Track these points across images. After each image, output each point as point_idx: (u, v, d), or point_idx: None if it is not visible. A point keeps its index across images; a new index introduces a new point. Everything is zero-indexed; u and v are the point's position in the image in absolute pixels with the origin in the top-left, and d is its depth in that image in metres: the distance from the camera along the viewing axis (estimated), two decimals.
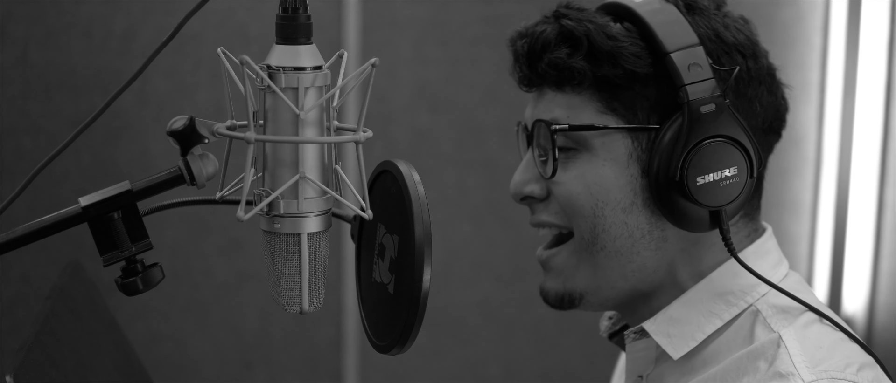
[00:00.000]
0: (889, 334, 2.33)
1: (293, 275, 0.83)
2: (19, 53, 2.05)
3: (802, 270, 2.38)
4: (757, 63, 1.09)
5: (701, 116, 1.03)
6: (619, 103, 1.07)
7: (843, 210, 2.30)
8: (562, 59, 1.07)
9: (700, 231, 1.07)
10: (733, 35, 1.08)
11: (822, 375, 1.01)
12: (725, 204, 1.05)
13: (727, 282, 1.10)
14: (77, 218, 0.86)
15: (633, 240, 1.09)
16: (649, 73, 1.05)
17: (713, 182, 1.03)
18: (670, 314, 1.11)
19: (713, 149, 1.03)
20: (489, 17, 2.23)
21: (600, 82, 1.07)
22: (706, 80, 1.03)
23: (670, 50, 1.04)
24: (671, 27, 1.05)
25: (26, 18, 2.05)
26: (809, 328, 1.07)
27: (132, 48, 2.09)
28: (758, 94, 1.09)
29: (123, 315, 2.16)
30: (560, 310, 1.16)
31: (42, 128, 2.08)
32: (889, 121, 2.25)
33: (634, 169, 1.08)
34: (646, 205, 1.08)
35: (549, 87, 1.11)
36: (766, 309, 1.08)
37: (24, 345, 0.96)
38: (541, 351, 2.46)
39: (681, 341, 1.10)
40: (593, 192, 1.09)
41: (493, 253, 2.39)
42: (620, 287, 1.11)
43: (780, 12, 2.26)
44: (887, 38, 2.21)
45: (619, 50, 1.05)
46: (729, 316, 1.10)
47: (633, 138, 1.07)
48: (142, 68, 0.85)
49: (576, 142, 1.09)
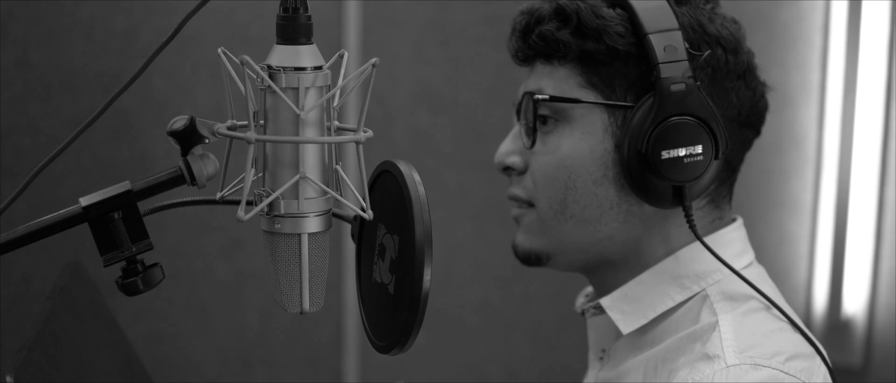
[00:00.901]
0: (889, 334, 2.33)
1: (293, 275, 0.83)
2: (19, 53, 2.05)
3: (802, 270, 2.38)
4: (737, 58, 1.15)
5: (671, 94, 1.09)
6: (599, 79, 1.14)
7: (843, 210, 2.30)
8: (550, 32, 1.15)
9: (664, 206, 1.13)
10: (717, 29, 1.14)
11: (747, 360, 1.05)
12: (689, 180, 1.10)
13: (685, 266, 1.16)
14: (77, 218, 0.86)
15: (601, 211, 1.15)
16: (629, 52, 1.12)
17: (677, 158, 1.09)
18: (626, 291, 1.18)
19: (680, 126, 1.09)
20: (489, 17, 2.23)
21: (583, 57, 1.14)
22: (679, 61, 1.10)
23: (649, 31, 1.11)
24: (654, 12, 1.12)
25: (26, 18, 2.05)
26: (751, 316, 1.12)
27: (132, 48, 2.09)
28: (735, 87, 1.15)
29: (123, 315, 2.16)
30: (529, 266, 1.23)
31: (42, 128, 2.08)
32: (889, 121, 2.25)
33: (608, 143, 1.14)
34: (616, 179, 1.14)
35: (539, 61, 1.19)
36: (715, 294, 1.14)
37: (24, 345, 0.96)
38: (541, 351, 2.46)
39: (632, 318, 1.17)
40: (567, 165, 1.15)
41: (493, 253, 2.39)
42: (589, 251, 1.18)
43: (780, 12, 2.26)
44: (887, 38, 2.21)
45: (604, 27, 1.12)
46: (680, 298, 1.16)
47: (610, 114, 1.14)
48: (142, 68, 0.85)
49: (557, 115, 1.16)
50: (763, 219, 2.35)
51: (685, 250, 1.17)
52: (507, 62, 1.26)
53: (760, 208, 2.36)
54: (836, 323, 2.36)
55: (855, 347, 2.36)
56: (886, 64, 2.22)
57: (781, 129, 2.31)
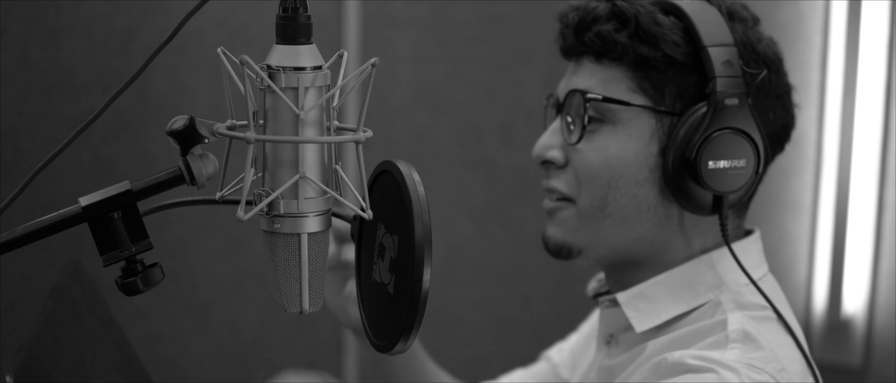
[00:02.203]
0: (889, 334, 2.33)
1: (293, 275, 0.83)
2: (19, 53, 2.05)
3: (802, 270, 2.38)
4: (779, 78, 1.20)
5: (724, 107, 1.13)
6: (650, 85, 1.16)
7: (843, 210, 2.30)
8: (609, 32, 1.17)
9: (701, 213, 1.17)
10: (764, 48, 1.19)
11: (744, 359, 1.08)
12: (729, 191, 1.15)
13: (704, 273, 1.19)
14: (77, 218, 0.86)
15: (639, 212, 1.18)
16: (684, 63, 1.15)
17: (722, 169, 1.14)
18: (642, 290, 1.20)
19: (729, 139, 1.13)
20: (489, 17, 2.23)
21: (638, 61, 1.16)
22: (735, 76, 1.14)
23: (707, 44, 1.14)
24: (712, 26, 1.15)
25: (26, 18, 2.05)
26: (760, 323, 1.15)
27: (132, 48, 2.09)
28: (773, 106, 1.20)
29: (123, 315, 2.16)
30: (557, 258, 1.25)
31: (42, 128, 2.08)
32: (889, 121, 2.25)
33: (654, 147, 1.17)
34: (657, 183, 1.17)
35: (588, 59, 1.20)
36: (728, 302, 1.17)
37: (24, 345, 0.96)
38: (541, 351, 2.46)
39: (647, 317, 1.19)
40: (612, 165, 1.18)
41: (493, 253, 2.39)
42: (618, 249, 1.20)
43: (780, 12, 2.26)
44: (887, 38, 2.21)
45: (662, 35, 1.15)
46: (695, 304, 1.18)
47: (658, 120, 1.17)
48: (142, 68, 0.85)
49: (603, 115, 1.18)
50: (763, 219, 2.35)
51: (705, 257, 1.20)
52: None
53: (760, 208, 2.36)
54: (835, 323, 2.36)
55: (855, 347, 2.36)
56: (886, 64, 2.22)
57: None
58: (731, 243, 1.19)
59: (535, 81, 2.23)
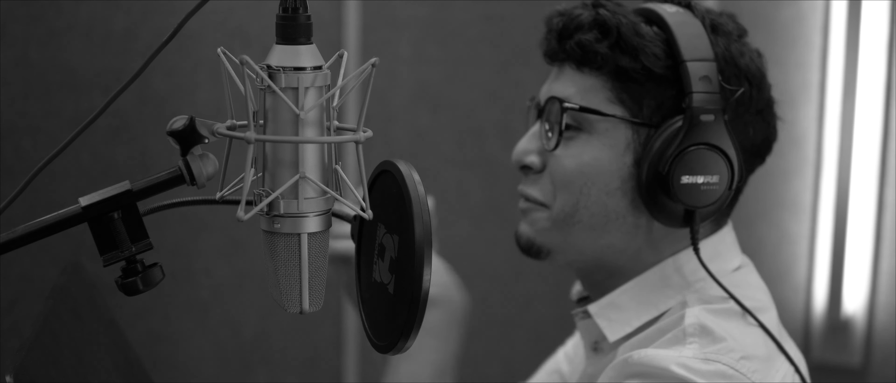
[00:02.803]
0: (889, 334, 2.33)
1: (293, 275, 0.83)
2: (19, 53, 2.05)
3: (802, 270, 2.38)
4: (760, 93, 1.20)
5: (699, 123, 1.13)
6: (628, 96, 1.17)
7: (843, 210, 2.30)
8: (589, 42, 1.17)
9: (671, 226, 1.17)
10: (747, 62, 1.18)
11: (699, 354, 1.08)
12: (701, 206, 1.15)
13: (673, 273, 1.20)
14: (77, 218, 0.86)
15: (607, 220, 1.19)
16: (663, 76, 1.15)
17: (695, 184, 1.14)
18: (612, 299, 1.22)
19: (702, 154, 1.13)
20: (489, 17, 2.23)
21: (617, 72, 1.17)
22: (712, 92, 1.14)
23: (686, 59, 1.14)
24: (693, 40, 1.15)
25: (26, 18, 2.05)
26: (719, 315, 1.15)
27: (132, 48, 2.09)
28: (753, 121, 1.20)
29: (123, 315, 2.16)
30: (527, 257, 1.26)
31: (42, 128, 2.08)
32: (889, 121, 2.25)
33: (628, 158, 1.17)
34: (628, 193, 1.17)
35: (570, 66, 1.21)
36: (693, 300, 1.18)
37: (24, 345, 0.96)
38: (541, 351, 2.46)
39: (618, 326, 1.21)
40: (585, 172, 1.18)
41: (493, 253, 2.39)
42: (588, 255, 1.21)
43: (780, 12, 2.26)
44: (887, 38, 2.21)
45: (642, 47, 1.15)
46: (664, 307, 1.19)
47: (634, 131, 1.17)
48: (142, 68, 0.85)
49: (580, 123, 1.19)
50: (763, 219, 2.35)
51: (670, 260, 1.21)
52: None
53: (760, 208, 2.36)
54: (835, 323, 2.36)
55: (855, 347, 2.36)
56: (886, 64, 2.22)
57: (781, 129, 2.31)
58: (703, 239, 1.20)
59: (535, 81, 2.22)
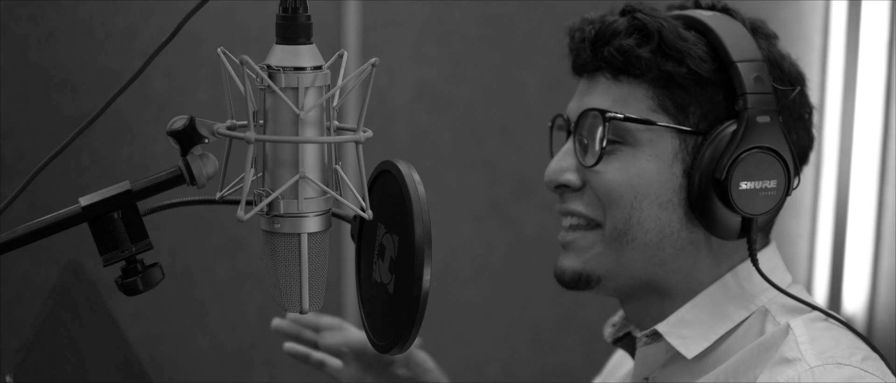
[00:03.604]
0: (889, 334, 2.33)
1: (293, 275, 0.83)
2: (19, 53, 2.05)
3: (802, 270, 2.38)
4: (803, 98, 1.15)
5: (756, 125, 1.07)
6: (672, 103, 1.11)
7: (843, 210, 2.30)
8: (630, 47, 1.11)
9: (727, 238, 1.11)
10: (789, 66, 1.14)
11: (828, 360, 1.04)
12: (759, 213, 1.09)
13: (738, 287, 1.14)
14: (77, 218, 0.85)
15: (662, 236, 1.12)
16: (710, 79, 1.10)
17: (753, 190, 1.08)
18: (682, 316, 1.14)
19: (761, 158, 1.08)
20: (489, 17, 2.23)
21: (660, 78, 1.11)
22: (768, 93, 1.08)
23: (737, 59, 1.08)
24: (739, 41, 1.10)
25: (26, 18, 2.05)
26: (816, 323, 1.10)
27: (132, 48, 2.09)
28: (796, 126, 1.14)
29: (123, 315, 2.15)
30: (573, 290, 1.18)
31: (42, 128, 2.08)
32: (889, 121, 2.25)
33: (677, 169, 1.11)
34: (681, 205, 1.11)
35: (604, 76, 1.14)
36: (775, 307, 1.12)
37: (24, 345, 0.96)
38: (541, 351, 2.46)
39: (694, 342, 1.13)
40: (634, 184, 1.11)
41: (493, 253, 2.39)
42: (638, 277, 1.14)
43: (780, 12, 2.26)
44: (887, 38, 2.21)
45: (687, 50, 1.10)
46: (739, 318, 1.13)
47: (682, 140, 1.11)
48: (142, 68, 0.85)
49: (622, 136, 1.12)
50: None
51: (735, 272, 1.14)
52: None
53: None
54: None
55: None
56: (886, 64, 2.22)
57: None
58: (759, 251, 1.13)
59: (535, 81, 2.23)
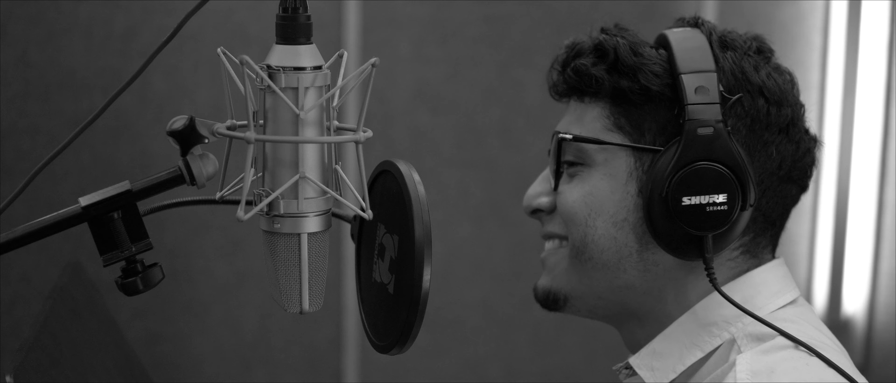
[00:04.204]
0: (889, 334, 2.33)
1: (293, 275, 0.83)
2: (19, 53, 2.05)
3: (802, 270, 2.38)
4: (779, 110, 1.09)
5: (697, 137, 1.04)
6: (627, 121, 1.09)
7: (843, 210, 2.30)
8: (585, 66, 1.11)
9: (686, 257, 1.07)
10: (762, 78, 1.09)
11: None
12: (710, 231, 1.05)
13: (711, 314, 1.10)
14: (77, 218, 0.86)
15: (620, 257, 1.10)
16: (663, 94, 1.07)
17: (699, 205, 1.04)
18: (653, 348, 1.12)
19: (703, 172, 1.04)
20: (489, 17, 2.23)
21: (615, 96, 1.09)
22: (709, 103, 1.04)
23: (683, 71, 1.06)
24: (691, 53, 1.07)
25: (26, 18, 2.05)
26: (773, 354, 1.04)
27: (132, 48, 2.09)
28: (775, 140, 1.09)
29: (123, 315, 2.16)
30: (547, 310, 1.17)
31: (42, 128, 2.08)
32: (889, 121, 2.25)
33: (632, 187, 1.09)
34: (637, 224, 1.09)
35: (574, 99, 1.14)
36: (742, 338, 1.07)
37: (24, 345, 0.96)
38: (541, 351, 2.46)
39: (661, 374, 1.11)
40: (588, 202, 1.10)
41: (493, 253, 2.39)
42: (608, 299, 1.13)
43: (780, 12, 2.26)
44: (887, 38, 2.21)
45: (640, 65, 1.08)
46: (709, 348, 1.09)
47: (636, 158, 1.09)
48: (142, 68, 0.85)
49: (580, 157, 1.12)
50: None
51: (709, 298, 1.10)
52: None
53: None
54: (836, 323, 2.36)
55: (855, 347, 2.36)
56: (886, 64, 2.22)
57: None
58: (749, 271, 1.12)
59: (535, 81, 2.23)
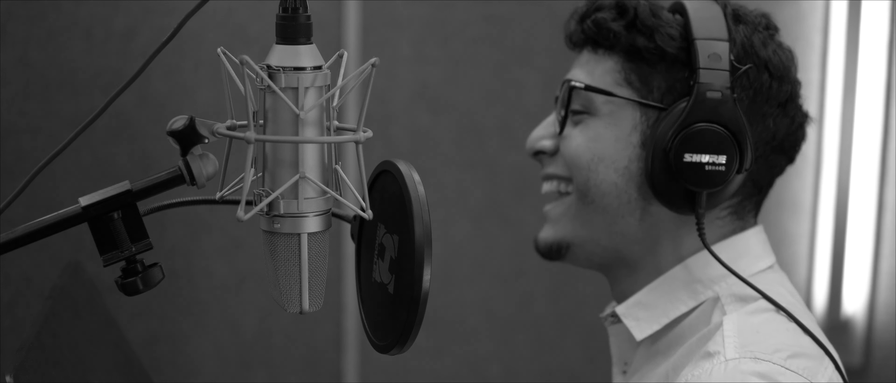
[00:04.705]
0: (889, 334, 2.33)
1: (293, 275, 0.83)
2: (19, 53, 2.05)
3: (802, 270, 2.38)
4: (780, 86, 1.17)
5: (705, 100, 1.10)
6: (637, 77, 1.16)
7: (843, 210, 2.30)
8: (604, 20, 1.17)
9: (679, 211, 1.14)
10: (769, 53, 1.16)
11: (746, 354, 1.05)
12: (706, 188, 1.11)
13: (698, 271, 1.17)
14: (77, 218, 0.86)
15: (620, 202, 1.17)
16: (676, 56, 1.14)
17: (699, 163, 1.10)
18: (639, 299, 1.19)
19: (708, 132, 1.10)
20: (489, 17, 2.23)
21: (629, 52, 1.16)
22: (720, 69, 1.11)
23: (697, 37, 1.12)
24: (707, 22, 1.13)
25: (26, 18, 2.05)
26: (757, 316, 1.12)
27: (132, 48, 2.09)
28: (773, 113, 1.17)
29: (123, 315, 2.16)
30: (549, 260, 1.24)
31: (42, 128, 2.08)
32: (889, 121, 2.25)
33: (635, 139, 1.16)
34: (637, 174, 1.15)
35: (588, 49, 1.21)
36: (726, 296, 1.14)
37: (24, 345, 0.96)
38: (541, 351, 2.46)
39: (646, 324, 1.18)
40: (591, 148, 1.17)
41: (493, 253, 2.39)
42: (604, 245, 1.19)
43: (780, 12, 2.25)
44: (887, 38, 2.21)
45: (657, 26, 1.15)
46: (693, 303, 1.17)
47: (642, 113, 1.15)
48: (142, 68, 0.85)
49: (588, 106, 1.18)
50: (763, 219, 2.35)
51: (698, 256, 1.17)
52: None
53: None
54: (836, 323, 2.36)
55: (855, 347, 2.36)
56: (886, 64, 2.22)
57: None
58: (729, 236, 1.18)
59: (535, 81, 2.23)
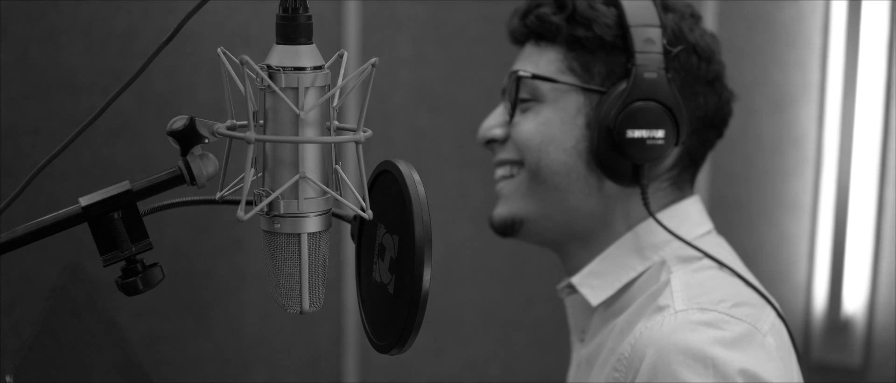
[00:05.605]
0: (889, 334, 2.33)
1: (293, 275, 0.83)
2: (19, 53, 2.05)
3: (802, 270, 2.38)
4: (708, 66, 1.28)
5: (643, 80, 1.22)
6: (579, 65, 1.26)
7: (843, 210, 2.31)
8: (546, 14, 1.28)
9: (624, 184, 1.25)
10: (696, 38, 1.27)
11: (694, 305, 1.15)
12: (647, 161, 1.22)
13: (645, 238, 1.28)
14: (77, 218, 0.86)
15: (569, 180, 1.26)
16: (613, 44, 1.25)
17: (640, 139, 1.22)
18: (592, 268, 1.29)
19: (647, 109, 1.22)
20: (489, 17, 2.23)
21: (570, 42, 1.27)
22: (654, 53, 1.23)
23: (632, 25, 1.24)
24: (639, 11, 1.25)
25: (26, 18, 2.05)
26: (701, 273, 1.23)
27: (132, 48, 2.09)
28: (703, 91, 1.28)
29: (123, 315, 2.16)
30: (503, 237, 1.33)
31: (42, 128, 2.08)
32: (889, 121, 2.25)
33: (580, 120, 1.26)
34: (585, 153, 1.26)
35: (531, 44, 1.31)
36: (672, 259, 1.26)
37: (24, 345, 0.96)
38: (541, 351, 2.46)
39: (600, 291, 1.28)
40: (541, 131, 1.27)
41: (493, 253, 2.39)
42: (557, 220, 1.29)
43: (780, 12, 2.26)
44: (887, 38, 2.21)
45: (595, 17, 1.26)
46: (642, 268, 1.27)
47: (586, 97, 1.26)
48: (142, 68, 0.85)
49: (534, 94, 1.28)
50: (763, 219, 2.35)
51: (644, 224, 1.28)
52: (507, 62, 1.28)
53: (760, 208, 2.36)
54: (836, 323, 2.36)
55: (855, 347, 2.36)
56: (886, 64, 2.22)
57: (781, 129, 2.31)
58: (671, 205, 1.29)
59: None
